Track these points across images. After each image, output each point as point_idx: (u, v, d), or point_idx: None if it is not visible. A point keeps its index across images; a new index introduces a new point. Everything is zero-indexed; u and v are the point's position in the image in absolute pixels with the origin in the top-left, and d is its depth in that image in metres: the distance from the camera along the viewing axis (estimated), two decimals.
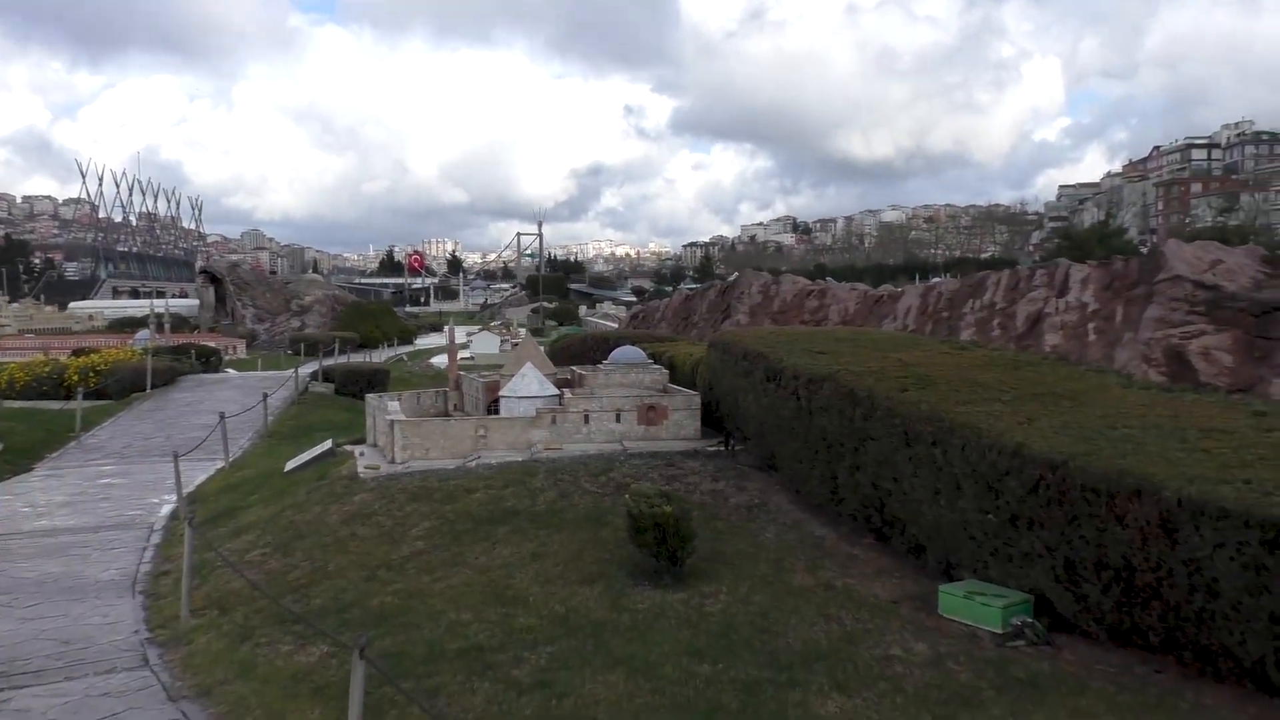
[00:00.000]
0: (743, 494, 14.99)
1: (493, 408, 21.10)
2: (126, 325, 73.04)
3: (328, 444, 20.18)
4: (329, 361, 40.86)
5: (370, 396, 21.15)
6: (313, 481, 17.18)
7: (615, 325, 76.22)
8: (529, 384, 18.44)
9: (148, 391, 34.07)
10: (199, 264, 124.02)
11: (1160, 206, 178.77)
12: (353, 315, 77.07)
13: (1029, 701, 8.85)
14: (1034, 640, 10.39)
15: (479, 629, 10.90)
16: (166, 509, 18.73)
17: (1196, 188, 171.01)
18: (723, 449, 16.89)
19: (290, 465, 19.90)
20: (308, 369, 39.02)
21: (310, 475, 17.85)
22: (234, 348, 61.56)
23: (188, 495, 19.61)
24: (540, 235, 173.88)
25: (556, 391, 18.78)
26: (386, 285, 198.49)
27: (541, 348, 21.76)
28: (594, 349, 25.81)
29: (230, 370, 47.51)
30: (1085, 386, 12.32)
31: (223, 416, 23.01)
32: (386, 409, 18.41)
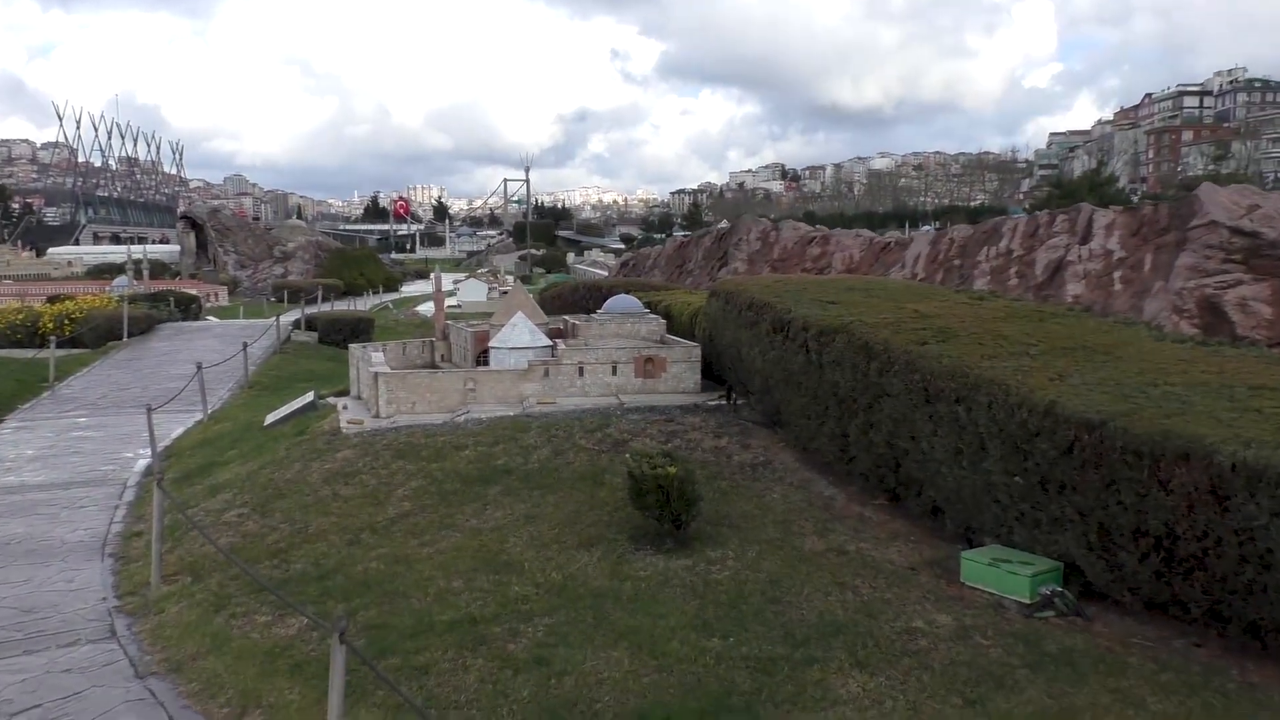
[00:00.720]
0: (747, 451, 14.27)
1: (482, 359, 20.27)
2: (105, 271, 71.53)
3: (309, 396, 19.34)
4: (312, 309, 39.83)
5: (354, 347, 20.28)
6: (293, 437, 16.38)
7: (605, 273, 75.18)
8: (520, 334, 17.59)
9: (124, 340, 33.08)
10: (180, 209, 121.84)
11: (1151, 154, 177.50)
12: (337, 262, 75.72)
13: (1066, 681, 8.20)
14: (1064, 611, 9.75)
15: (470, 598, 10.19)
16: (141, 464, 17.91)
17: (1188, 136, 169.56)
18: (724, 403, 16.14)
19: (270, 419, 19.07)
20: (290, 317, 38.06)
21: (291, 430, 17.04)
22: (215, 295, 60.33)
23: (163, 450, 18.78)
24: (528, 181, 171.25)
25: (549, 342, 17.95)
26: (371, 232, 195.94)
27: (531, 296, 20.86)
28: (586, 298, 24.92)
29: (211, 318, 46.44)
30: (1116, 340, 11.56)
31: (200, 367, 22.10)
32: (370, 360, 17.55)
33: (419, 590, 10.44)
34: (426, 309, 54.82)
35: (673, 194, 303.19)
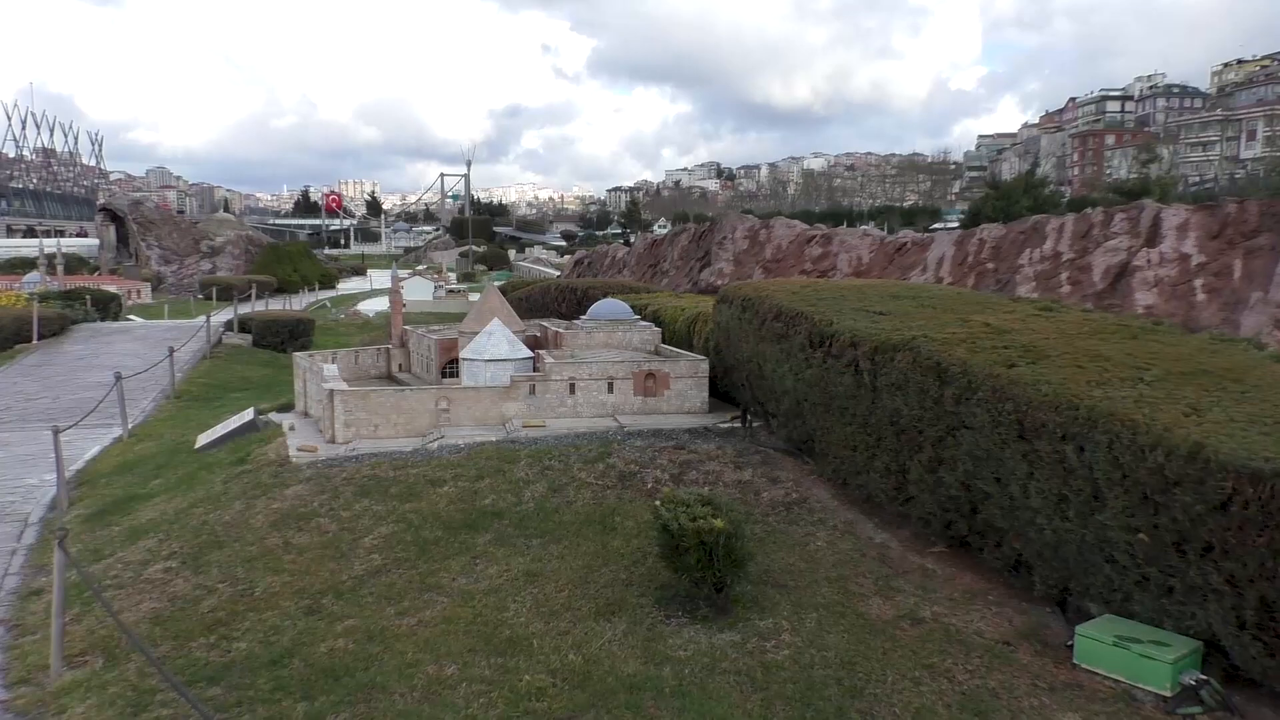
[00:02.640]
0: (776, 487, 12.20)
1: (448, 370, 17.92)
2: (17, 267, 66.87)
3: (249, 414, 16.80)
4: (245, 309, 36.79)
5: (299, 356, 17.76)
6: (232, 465, 13.87)
7: (554, 272, 72.71)
8: (498, 344, 15.30)
9: (34, 343, 29.85)
10: (100, 201, 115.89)
11: (1076, 158, 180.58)
12: (269, 258, 71.97)
13: None
14: (1212, 705, 7.87)
15: (470, 694, 7.95)
16: (49, 494, 15.19)
17: (1110, 140, 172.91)
18: (738, 425, 14.05)
19: (203, 440, 16.48)
20: (221, 317, 35.01)
21: (228, 456, 14.51)
22: (137, 291, 56.49)
23: (74, 476, 16.09)
24: (468, 176, 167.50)
25: (529, 353, 15.69)
26: (303, 226, 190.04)
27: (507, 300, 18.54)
28: (558, 300, 22.69)
29: (133, 317, 42.98)
30: (1234, 362, 9.74)
31: (119, 378, 19.32)
32: (323, 374, 15.10)
33: (402, 681, 8.16)
34: (369, 308, 51.89)
35: (609, 191, 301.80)
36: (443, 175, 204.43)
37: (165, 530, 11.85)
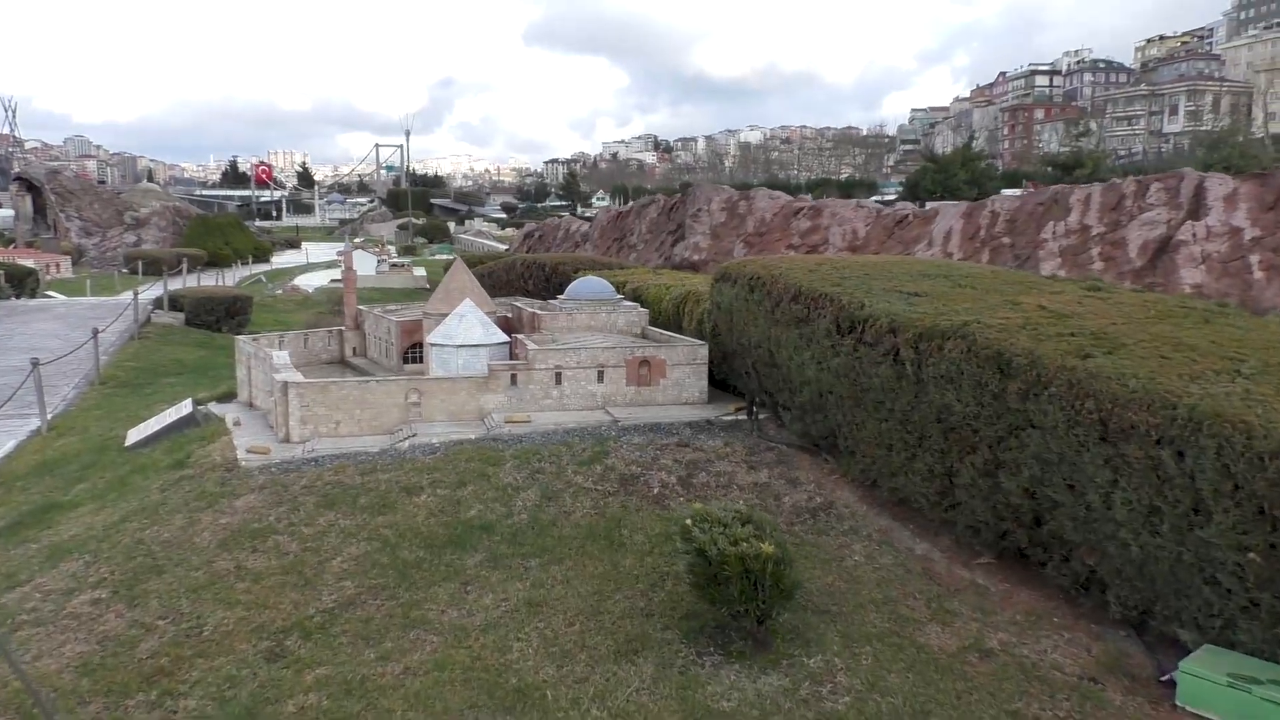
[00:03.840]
0: (797, 490, 10.89)
1: (411, 356, 16.28)
2: None
3: (186, 406, 15.00)
4: (175, 285, 34.37)
5: (243, 340, 15.96)
6: (169, 469, 12.13)
7: (501, 245, 70.57)
8: (470, 328, 13.73)
9: None
10: (14, 170, 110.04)
11: (1007, 131, 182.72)
12: (198, 230, 68.57)
13: None
14: None
15: None
16: None
17: (1040, 114, 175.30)
18: (743, 418, 12.72)
19: (134, 436, 14.65)
20: (150, 293, 32.62)
21: (165, 457, 12.76)
22: (56, 265, 53.20)
23: None
24: (407, 147, 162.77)
25: (505, 337, 14.15)
26: (231, 198, 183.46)
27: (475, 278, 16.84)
28: (524, 277, 21.06)
29: (53, 294, 40.16)
30: None
31: (36, 364, 17.30)
32: (272, 362, 13.39)
33: None
34: (307, 283, 49.48)
35: (546, 163, 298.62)
36: (378, 145, 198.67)
37: (93, 550, 10.13)
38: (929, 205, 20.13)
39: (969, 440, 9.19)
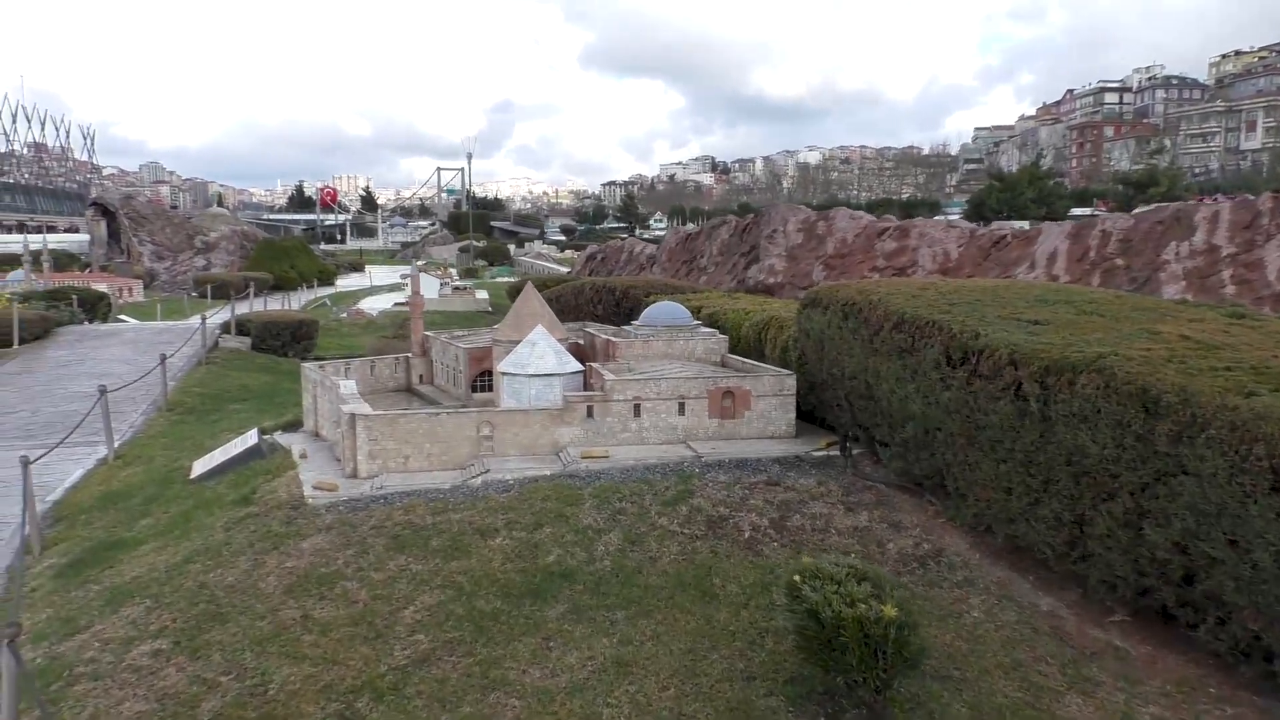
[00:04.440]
0: (901, 535, 9.99)
1: (480, 384, 15.69)
2: (4, 264, 64.38)
3: (252, 436, 14.56)
4: (242, 308, 34.46)
5: (309, 368, 15.52)
6: (234, 505, 11.63)
7: (561, 268, 70.42)
8: (543, 356, 13.07)
9: (14, 348, 27.55)
10: (92, 196, 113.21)
11: (1074, 149, 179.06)
12: (265, 253, 69.57)
13: None
14: None
15: None
16: (19, 532, 12.90)
17: (1109, 131, 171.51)
18: (835, 455, 11.84)
19: (199, 467, 14.24)
20: (217, 318, 32.68)
21: (230, 492, 12.28)
22: (129, 289, 54.13)
23: (53, 507, 13.89)
24: (469, 170, 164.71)
25: (579, 366, 13.47)
26: (297, 221, 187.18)
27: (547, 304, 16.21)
28: (594, 301, 20.44)
29: (124, 318, 40.62)
30: None
31: (104, 391, 17.06)
32: (339, 391, 12.87)
33: None
34: (372, 306, 49.60)
35: (604, 185, 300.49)
36: (439, 169, 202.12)
37: (155, 593, 9.61)
38: (1028, 225, 19.05)
39: (1106, 486, 8.24)
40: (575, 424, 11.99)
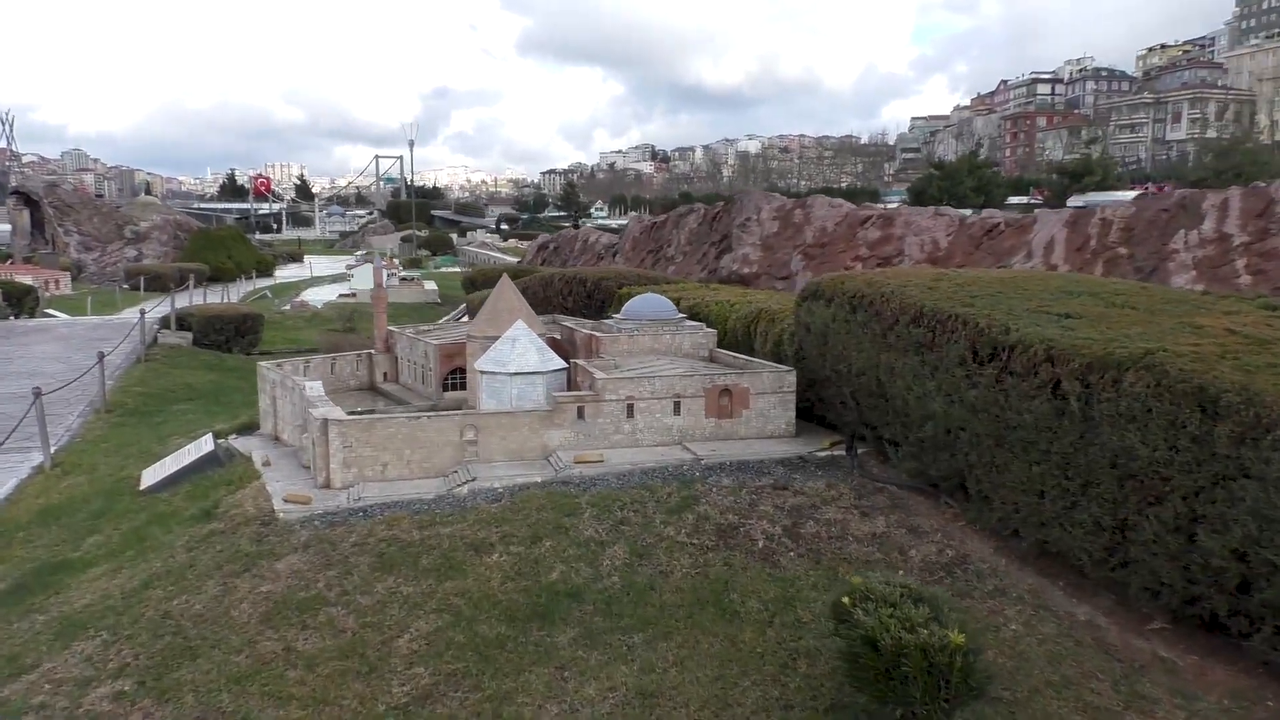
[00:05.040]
0: (922, 541, 9.43)
1: (451, 382, 14.84)
2: None
3: (207, 441, 13.53)
4: (181, 303, 32.87)
5: (266, 367, 14.52)
6: (195, 520, 10.66)
7: (508, 258, 69.16)
8: (524, 353, 12.28)
9: None
10: (11, 184, 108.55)
11: (1008, 139, 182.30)
12: (200, 244, 67.13)
13: None
14: None
15: None
16: None
17: (1041, 121, 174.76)
18: (840, 454, 11.26)
19: (150, 477, 13.19)
20: (156, 311, 31.12)
21: (188, 505, 11.29)
22: (55, 281, 51.70)
23: None
24: (410, 157, 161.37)
25: (563, 364, 12.71)
26: (230, 211, 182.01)
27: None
28: (564, 293, 19.60)
29: (54, 312, 38.64)
30: None
31: (38, 394, 15.83)
32: (305, 393, 11.95)
33: None
34: (315, 298, 48.04)
35: (543, 174, 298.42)
36: (378, 157, 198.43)
37: (111, 624, 8.66)
38: (1024, 214, 18.72)
39: (1155, 490, 7.75)
40: (565, 426, 11.23)
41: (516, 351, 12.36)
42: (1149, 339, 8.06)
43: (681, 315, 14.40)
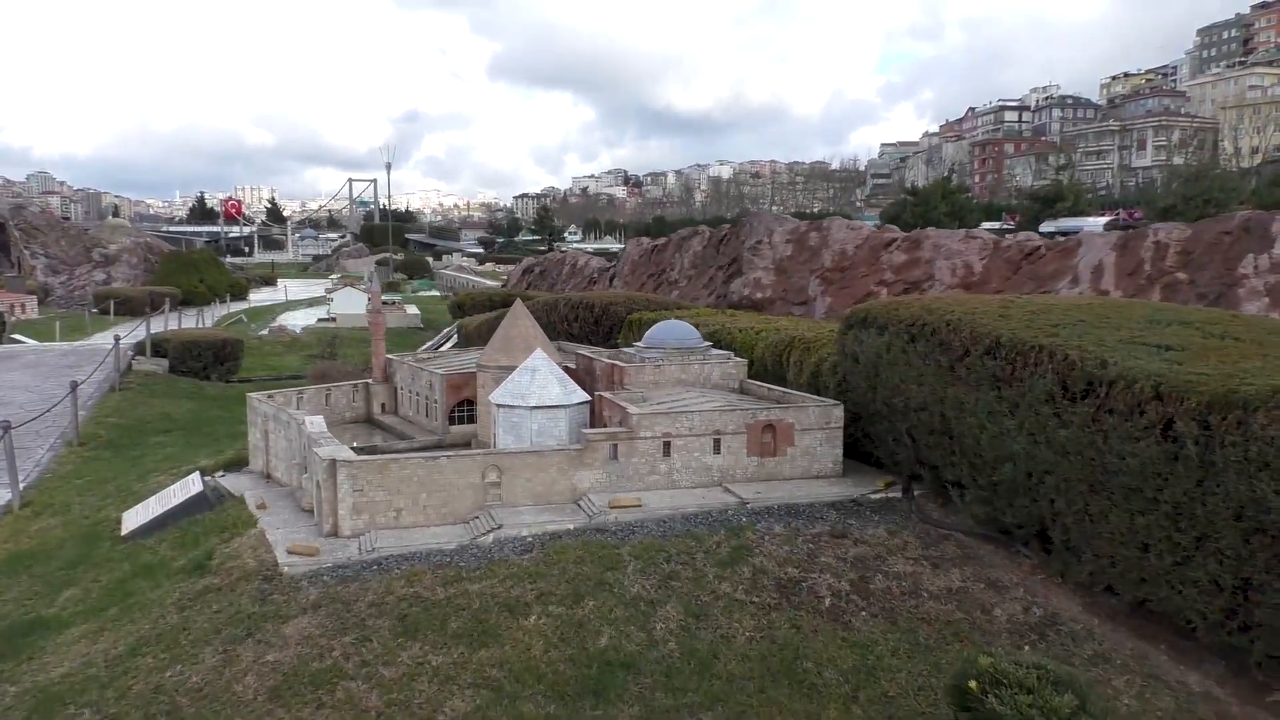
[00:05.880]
0: (1004, 597, 8.52)
1: (459, 415, 13.81)
2: None
3: (194, 481, 12.42)
4: (156, 327, 31.51)
5: (257, 399, 13.45)
6: (186, 573, 9.56)
7: (489, 282, 68.04)
8: (545, 385, 11.31)
9: None
10: None
11: (977, 165, 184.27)
12: (172, 267, 65.50)
13: None
14: None
15: None
16: None
17: (1009, 148, 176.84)
18: (894, 496, 10.36)
19: (132, 520, 12.04)
20: (131, 337, 29.73)
21: (177, 554, 10.18)
22: (22, 306, 50.03)
23: None
24: (387, 180, 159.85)
25: (586, 396, 11.74)
26: (199, 234, 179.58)
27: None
28: (569, 319, 18.64)
29: (21, 338, 37.12)
30: None
31: (7, 428, 14.63)
32: (306, 429, 10.90)
33: None
34: (293, 322, 46.70)
35: (516, 198, 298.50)
36: (351, 180, 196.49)
37: (95, 700, 7.55)
38: (1065, 235, 18.01)
39: None
40: (596, 466, 10.24)
41: (537, 383, 11.38)
42: (1274, 374, 7.23)
43: (707, 343, 13.48)
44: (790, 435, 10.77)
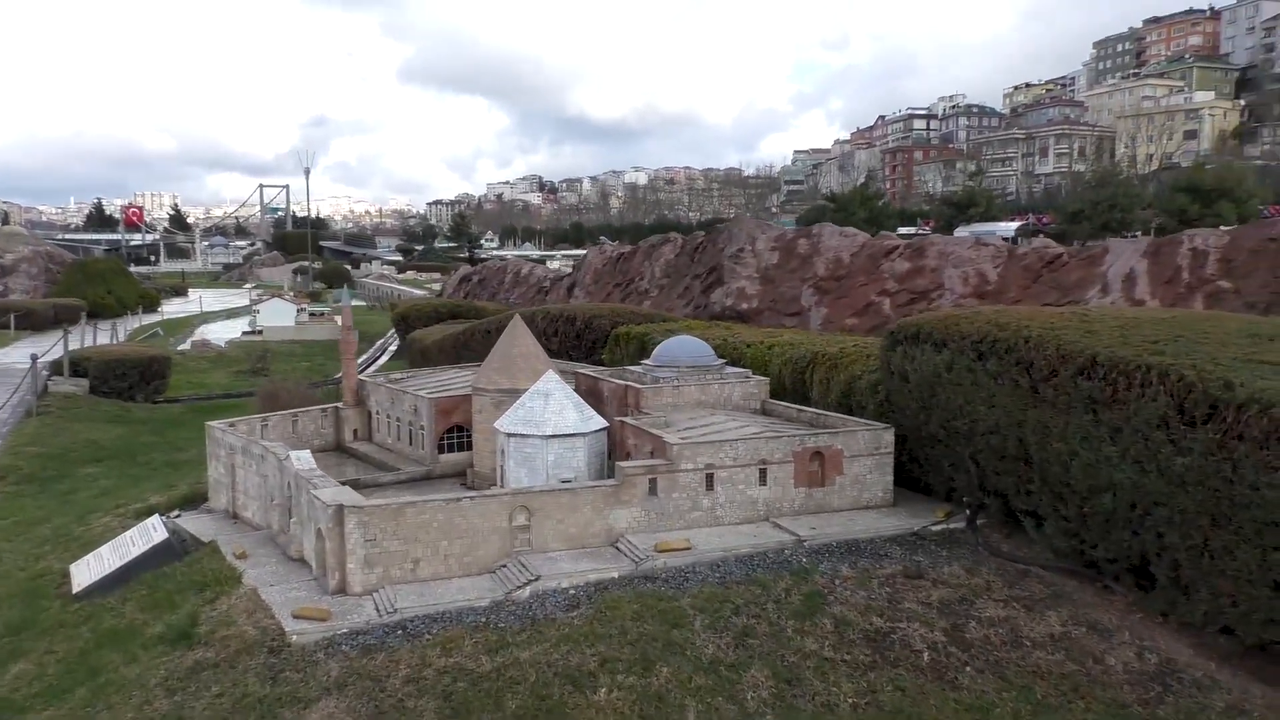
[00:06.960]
0: (1113, 644, 7.72)
1: (450, 443, 12.54)
2: None
3: (156, 525, 10.92)
4: (70, 344, 29.06)
5: (218, 429, 12.03)
6: (168, 644, 8.15)
7: (417, 291, 65.84)
8: (561, 411, 10.19)
9: None
10: None
11: (888, 172, 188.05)
12: (75, 277, 61.84)
13: None
14: None
15: None
16: None
17: (918, 155, 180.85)
18: (956, 526, 9.51)
19: (83, 576, 10.48)
20: (47, 355, 27.32)
21: (149, 617, 8.75)
22: None
23: None
24: (307, 186, 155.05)
25: (603, 422, 10.63)
26: (98, 242, 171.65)
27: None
28: (548, 333, 17.35)
29: None
30: None
31: None
32: (294, 467, 9.56)
33: None
34: (214, 335, 44.19)
35: (429, 205, 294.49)
36: (262, 186, 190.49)
37: None
38: (1089, 243, 17.50)
39: None
40: (634, 504, 9.16)
41: (551, 409, 10.24)
42: None
43: (722, 360, 12.49)
44: (839, 463, 9.84)
